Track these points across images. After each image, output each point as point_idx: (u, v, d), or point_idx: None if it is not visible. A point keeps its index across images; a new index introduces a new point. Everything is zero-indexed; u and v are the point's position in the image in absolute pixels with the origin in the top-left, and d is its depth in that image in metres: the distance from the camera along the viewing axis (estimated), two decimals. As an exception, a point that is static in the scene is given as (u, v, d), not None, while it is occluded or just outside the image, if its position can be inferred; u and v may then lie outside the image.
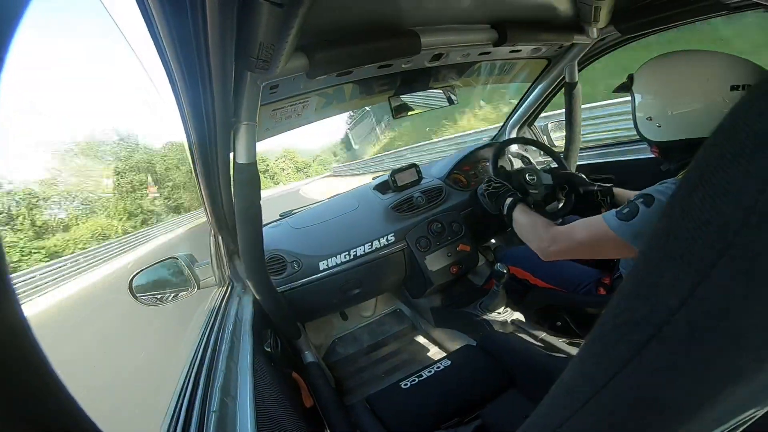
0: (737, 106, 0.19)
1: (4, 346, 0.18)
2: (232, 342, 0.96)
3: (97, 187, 23.25)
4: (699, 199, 0.20)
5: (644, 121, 0.99)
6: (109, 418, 2.62)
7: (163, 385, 2.90)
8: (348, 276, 1.65)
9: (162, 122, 25.46)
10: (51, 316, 6.79)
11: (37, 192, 20.28)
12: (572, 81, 1.62)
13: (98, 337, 5.19)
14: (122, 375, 3.72)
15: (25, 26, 0.21)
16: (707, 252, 0.19)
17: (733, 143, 0.19)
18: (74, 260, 10.61)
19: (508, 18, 1.14)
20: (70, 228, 18.35)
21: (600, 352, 0.26)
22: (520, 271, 1.53)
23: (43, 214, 18.71)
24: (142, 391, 3.11)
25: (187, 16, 0.53)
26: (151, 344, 4.12)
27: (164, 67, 0.66)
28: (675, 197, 0.21)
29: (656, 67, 0.98)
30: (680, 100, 0.90)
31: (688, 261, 0.20)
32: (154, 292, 1.34)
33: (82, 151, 25.85)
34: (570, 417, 0.28)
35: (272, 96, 1.04)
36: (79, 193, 21.85)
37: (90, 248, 14.47)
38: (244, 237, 1.10)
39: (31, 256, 15.18)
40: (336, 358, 1.89)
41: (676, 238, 0.21)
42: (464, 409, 1.08)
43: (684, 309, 0.20)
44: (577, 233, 1.02)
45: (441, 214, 1.77)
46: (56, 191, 21.22)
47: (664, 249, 0.22)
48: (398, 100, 1.38)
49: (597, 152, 1.97)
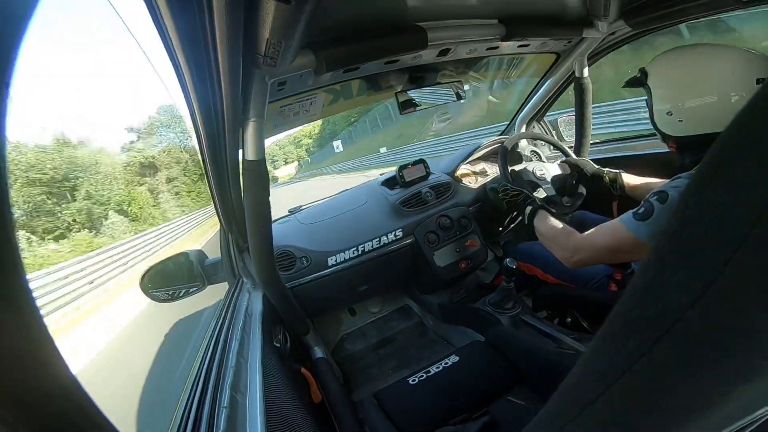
0: (754, 98, 0.18)
1: (21, 347, 0.19)
2: (242, 338, 0.97)
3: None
4: (713, 193, 0.19)
5: (664, 116, 0.97)
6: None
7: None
8: (356, 272, 1.66)
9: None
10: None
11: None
12: (582, 76, 1.60)
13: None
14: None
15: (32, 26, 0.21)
16: (721, 247, 0.19)
17: (749, 136, 0.18)
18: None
19: (515, 13, 1.13)
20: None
21: (610, 349, 0.26)
22: (530, 267, 1.52)
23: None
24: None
25: (195, 14, 0.54)
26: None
27: (173, 66, 0.67)
28: (688, 191, 0.21)
29: (677, 60, 0.96)
30: (704, 93, 0.89)
31: (701, 257, 0.20)
32: (165, 288, 1.36)
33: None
34: (579, 414, 0.28)
35: (280, 93, 1.04)
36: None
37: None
38: (253, 233, 1.11)
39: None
40: (344, 354, 1.90)
41: (690, 234, 0.20)
42: (472, 404, 1.08)
43: (697, 306, 0.20)
44: (598, 240, 1.01)
45: (449, 210, 1.77)
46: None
47: (676, 245, 0.21)
48: (405, 95, 1.38)
49: (608, 146, 1.94)
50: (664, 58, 0.98)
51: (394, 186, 1.88)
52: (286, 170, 47.35)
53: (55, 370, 0.20)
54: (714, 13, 1.12)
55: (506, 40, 1.16)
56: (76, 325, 6.94)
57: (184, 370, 3.00)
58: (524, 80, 1.91)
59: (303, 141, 46.46)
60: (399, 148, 17.15)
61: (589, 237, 1.04)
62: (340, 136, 31.26)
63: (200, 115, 0.81)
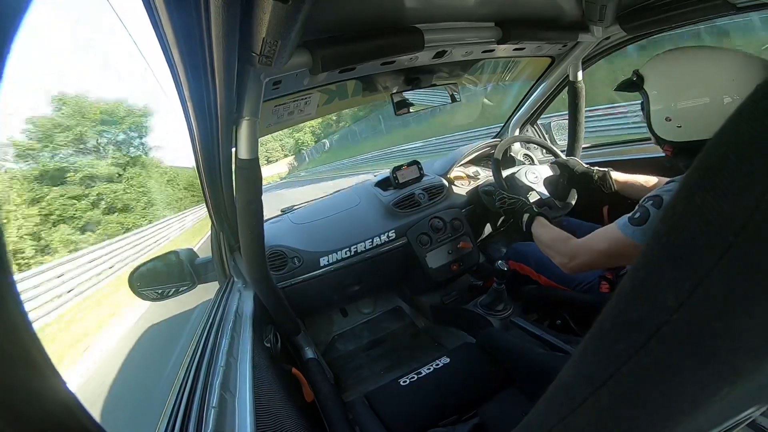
0: (741, 106, 0.19)
1: (3, 343, 0.18)
2: (232, 337, 0.96)
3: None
4: (700, 199, 0.19)
5: (662, 121, 0.95)
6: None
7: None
8: (348, 272, 1.66)
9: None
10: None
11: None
12: (576, 80, 1.62)
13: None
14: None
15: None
16: (708, 252, 0.19)
17: (737, 143, 0.19)
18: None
19: (512, 16, 1.13)
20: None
21: (598, 351, 0.26)
22: (523, 267, 1.53)
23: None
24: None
25: (192, 10, 0.53)
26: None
27: (167, 62, 0.66)
28: (677, 197, 0.21)
29: (676, 62, 0.93)
30: (704, 98, 0.86)
31: (688, 261, 0.20)
32: (154, 286, 1.34)
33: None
34: (567, 415, 0.29)
35: (275, 92, 1.04)
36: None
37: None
38: (245, 232, 1.10)
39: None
40: (335, 354, 1.90)
41: (677, 238, 0.21)
42: (462, 406, 1.09)
43: (683, 309, 0.20)
44: (596, 245, 1.02)
45: (442, 212, 1.77)
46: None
47: (664, 249, 0.22)
48: (400, 96, 1.38)
49: (601, 150, 1.96)
50: (662, 60, 0.96)
51: (388, 187, 1.88)
52: (274, 169, 45.48)
53: (42, 371, 0.20)
54: (709, 18, 1.13)
55: (502, 43, 1.16)
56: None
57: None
58: (518, 83, 1.92)
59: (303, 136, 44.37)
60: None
61: (586, 242, 1.05)
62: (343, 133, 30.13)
63: (194, 113, 0.80)
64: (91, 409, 0.24)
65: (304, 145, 43.60)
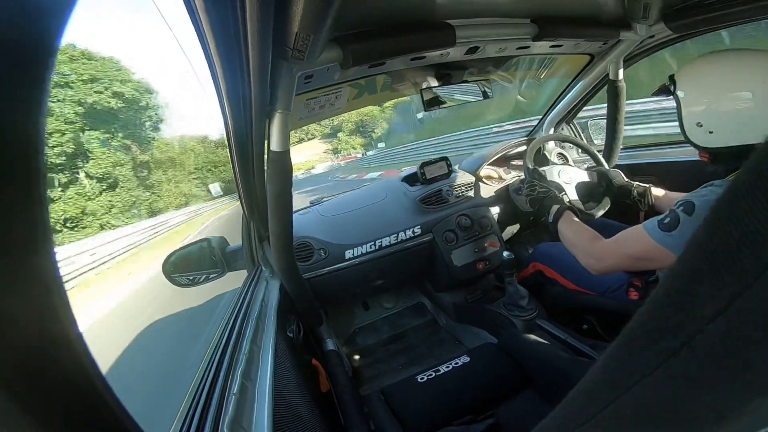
0: None
1: (56, 347, 0.19)
2: (256, 326, 0.99)
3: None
4: (748, 206, 0.18)
5: (693, 127, 0.93)
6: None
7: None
8: (372, 266, 1.67)
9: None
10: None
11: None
12: (616, 79, 1.55)
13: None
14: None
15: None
16: (753, 262, 0.18)
17: None
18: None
19: (549, 12, 1.09)
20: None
21: (625, 358, 0.25)
22: (549, 270, 1.49)
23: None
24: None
25: (228, 8, 0.55)
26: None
27: (205, 57, 0.69)
28: (721, 202, 0.20)
29: (706, 68, 0.91)
30: (737, 104, 0.84)
31: (730, 270, 0.19)
32: (186, 273, 1.41)
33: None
34: (586, 422, 0.28)
35: (307, 86, 1.05)
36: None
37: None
38: (274, 223, 1.14)
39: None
40: (355, 347, 1.92)
41: (719, 246, 0.20)
42: (478, 406, 1.08)
43: (720, 319, 0.19)
44: (622, 248, 0.99)
45: (470, 209, 1.75)
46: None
47: (704, 256, 0.21)
48: (430, 92, 1.37)
49: (639, 152, 1.87)
50: (694, 67, 0.93)
51: (415, 183, 1.87)
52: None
53: (76, 355, 0.21)
54: (761, 18, 1.06)
55: (538, 40, 1.13)
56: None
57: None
58: (554, 80, 1.86)
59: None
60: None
61: (613, 244, 1.02)
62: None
63: (229, 107, 0.83)
64: (118, 390, 0.24)
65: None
